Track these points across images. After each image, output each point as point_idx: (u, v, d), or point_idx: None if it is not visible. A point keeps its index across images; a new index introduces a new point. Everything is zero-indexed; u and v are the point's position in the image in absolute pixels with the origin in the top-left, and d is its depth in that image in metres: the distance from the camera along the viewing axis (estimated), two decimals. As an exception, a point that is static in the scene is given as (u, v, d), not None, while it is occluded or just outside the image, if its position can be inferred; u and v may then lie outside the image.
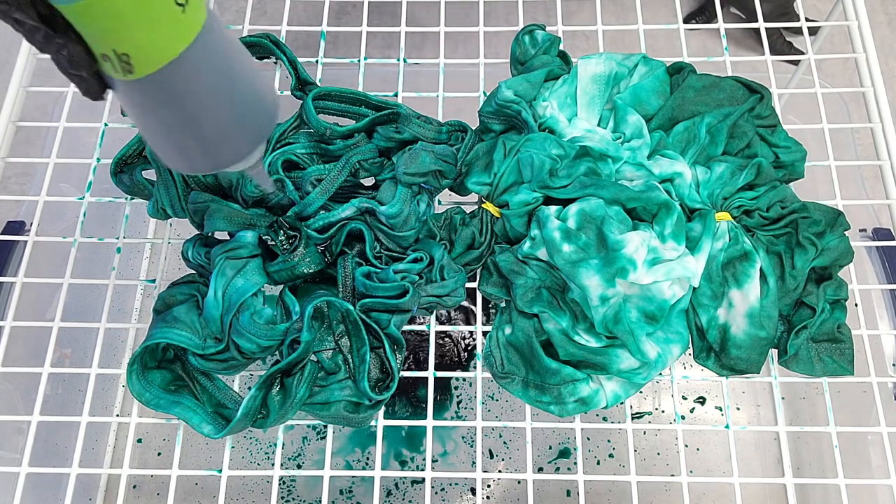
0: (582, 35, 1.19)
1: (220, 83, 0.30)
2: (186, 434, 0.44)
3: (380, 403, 0.43)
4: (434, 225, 0.47)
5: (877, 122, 0.53)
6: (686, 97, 0.50)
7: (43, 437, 0.66)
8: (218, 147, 0.32)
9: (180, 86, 0.28)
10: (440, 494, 0.80)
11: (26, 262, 0.50)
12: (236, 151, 0.32)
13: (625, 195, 0.45)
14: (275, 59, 0.54)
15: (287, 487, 0.80)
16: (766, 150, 0.49)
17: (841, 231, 0.48)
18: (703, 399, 0.85)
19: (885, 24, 1.25)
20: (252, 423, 0.42)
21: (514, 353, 0.45)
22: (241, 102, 0.31)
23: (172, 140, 0.31)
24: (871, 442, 0.66)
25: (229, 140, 0.32)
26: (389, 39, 1.17)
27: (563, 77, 0.51)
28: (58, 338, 0.48)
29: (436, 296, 0.45)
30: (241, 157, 0.33)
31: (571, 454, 0.82)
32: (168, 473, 0.44)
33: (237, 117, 0.31)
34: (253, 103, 0.32)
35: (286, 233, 0.45)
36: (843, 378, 0.45)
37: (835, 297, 0.46)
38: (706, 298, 0.45)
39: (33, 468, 0.45)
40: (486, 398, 0.84)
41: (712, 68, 0.53)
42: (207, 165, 0.33)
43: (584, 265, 0.43)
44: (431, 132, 0.49)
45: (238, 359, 0.42)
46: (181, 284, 0.45)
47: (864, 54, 0.56)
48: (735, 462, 0.44)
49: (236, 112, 0.31)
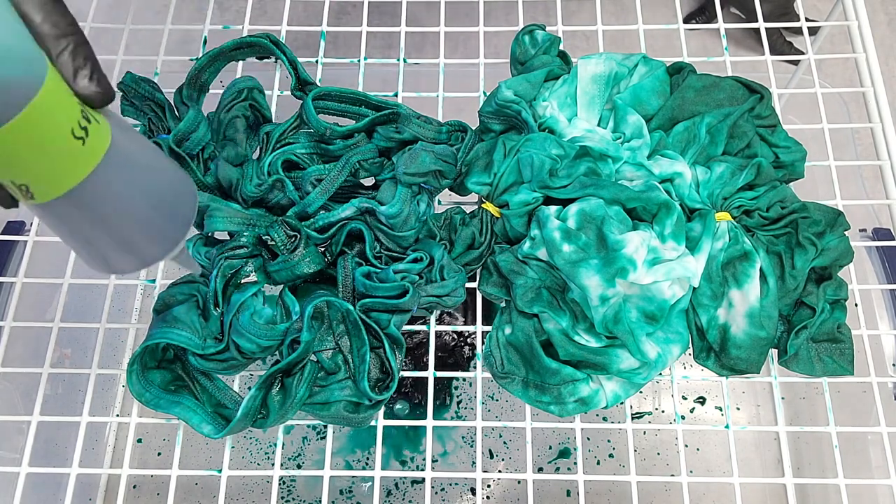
0: (582, 35, 1.19)
1: (132, 192, 0.30)
2: (186, 434, 0.44)
3: (380, 403, 0.43)
4: (434, 225, 0.47)
5: (877, 122, 0.53)
6: (686, 97, 0.50)
7: (43, 437, 0.66)
8: (139, 248, 0.31)
9: (88, 203, 0.28)
10: (440, 494, 0.80)
11: (26, 262, 0.50)
12: (160, 249, 0.32)
13: (625, 195, 0.45)
14: (275, 59, 0.54)
15: (287, 487, 0.80)
16: (766, 150, 0.49)
17: (841, 231, 0.48)
18: (703, 399, 0.85)
19: (885, 24, 1.25)
20: (252, 423, 0.42)
21: (514, 353, 0.45)
22: (155, 205, 0.31)
23: (90, 249, 0.31)
24: (871, 442, 0.66)
25: (150, 241, 0.32)
26: (389, 39, 1.17)
27: (563, 77, 0.51)
28: (58, 338, 0.48)
29: (436, 296, 0.45)
30: (166, 252, 0.32)
31: (571, 454, 0.82)
32: (168, 473, 0.44)
33: (154, 219, 0.31)
34: (169, 201, 0.32)
35: (286, 233, 0.45)
36: (843, 378, 0.45)
37: (835, 297, 0.46)
38: (706, 298, 0.45)
39: (33, 468, 0.45)
40: (486, 398, 0.84)
41: (712, 68, 0.53)
42: (131, 266, 0.32)
43: (584, 265, 0.43)
44: (431, 132, 0.49)
45: (238, 359, 0.42)
46: (181, 284, 0.45)
47: (864, 54, 0.56)
48: (735, 462, 0.44)
49: (152, 215, 0.31)
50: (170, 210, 0.32)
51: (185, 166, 0.46)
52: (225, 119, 0.49)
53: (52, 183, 0.27)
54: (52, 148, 0.26)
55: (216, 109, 0.49)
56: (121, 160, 0.29)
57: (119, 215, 0.29)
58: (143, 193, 0.30)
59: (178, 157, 0.46)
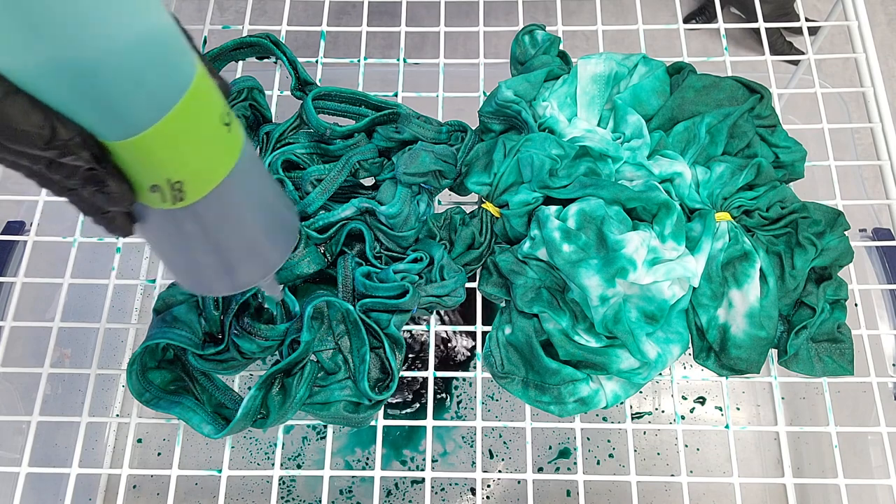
0: (582, 35, 1.19)
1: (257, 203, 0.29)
2: (186, 434, 0.44)
3: (380, 403, 0.43)
4: (434, 225, 0.47)
5: (877, 122, 0.53)
6: (686, 97, 0.50)
7: (43, 437, 0.66)
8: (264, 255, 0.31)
9: (222, 208, 0.28)
10: (440, 494, 0.80)
11: (26, 262, 0.50)
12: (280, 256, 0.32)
13: (625, 195, 0.45)
14: (275, 59, 0.54)
15: (287, 487, 0.80)
16: (766, 150, 0.49)
17: (841, 231, 0.48)
18: (703, 399, 0.85)
19: (885, 24, 1.25)
20: (252, 423, 0.42)
21: (514, 353, 0.45)
22: (272, 220, 0.31)
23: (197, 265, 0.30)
24: (871, 442, 0.66)
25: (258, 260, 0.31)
26: (389, 39, 1.17)
27: (562, 77, 0.51)
28: (58, 338, 0.48)
29: (436, 296, 0.45)
30: (268, 273, 0.32)
31: (571, 454, 0.82)
32: (168, 473, 0.44)
33: (269, 235, 0.31)
34: (282, 219, 0.31)
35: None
36: (843, 378, 0.45)
37: (835, 297, 0.46)
38: (706, 298, 0.45)
39: (33, 468, 0.45)
40: (486, 398, 0.84)
41: (712, 68, 0.53)
42: (256, 276, 0.31)
43: (584, 265, 0.43)
44: (431, 132, 0.49)
45: (238, 359, 0.42)
46: (181, 284, 0.45)
47: (864, 54, 0.56)
48: (735, 462, 0.44)
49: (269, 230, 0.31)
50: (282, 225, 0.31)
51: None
52: (225, 119, 0.49)
53: (205, 175, 0.26)
54: (207, 135, 0.25)
55: (216, 109, 0.49)
56: (252, 154, 0.28)
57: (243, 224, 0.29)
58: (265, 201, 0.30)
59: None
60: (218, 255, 0.30)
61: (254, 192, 0.29)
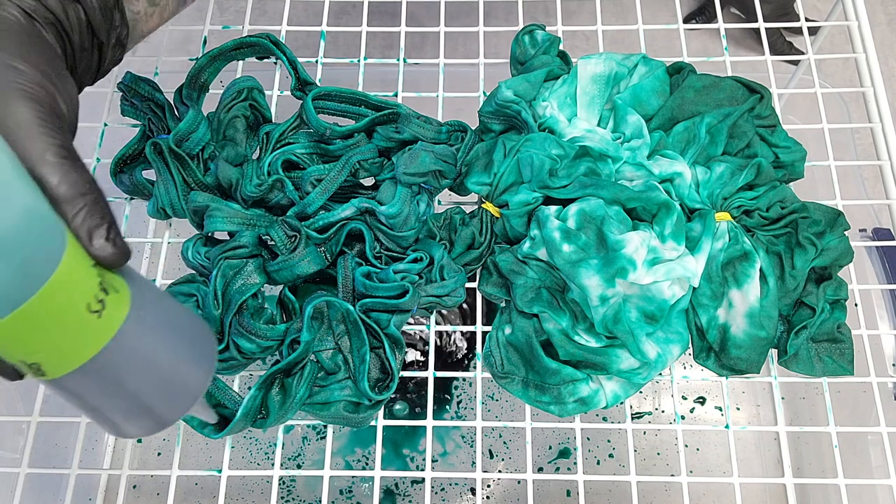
0: (582, 35, 1.19)
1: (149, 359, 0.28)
2: (186, 434, 0.44)
3: (380, 403, 0.43)
4: (434, 225, 0.47)
5: (877, 122, 0.53)
6: (686, 97, 0.50)
7: (43, 437, 0.66)
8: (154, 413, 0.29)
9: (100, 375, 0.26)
10: (440, 494, 0.80)
11: (26, 262, 0.50)
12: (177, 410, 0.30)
13: (625, 195, 0.45)
14: (275, 59, 0.54)
15: (287, 487, 0.80)
16: (766, 150, 0.49)
17: (841, 231, 0.48)
18: (703, 399, 0.85)
19: (885, 24, 1.25)
20: (252, 423, 0.42)
21: (514, 353, 0.45)
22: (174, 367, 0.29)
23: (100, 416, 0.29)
24: (871, 442, 0.66)
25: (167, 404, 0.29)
26: (389, 39, 1.17)
27: (562, 77, 0.51)
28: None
29: (436, 296, 0.45)
30: (183, 412, 0.30)
31: (571, 454, 0.82)
32: (168, 473, 0.44)
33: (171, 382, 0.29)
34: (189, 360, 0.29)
35: (286, 233, 0.45)
36: (843, 378, 0.45)
37: (835, 297, 0.46)
38: (706, 298, 0.45)
39: (33, 468, 0.45)
40: (486, 398, 0.84)
41: (712, 68, 0.53)
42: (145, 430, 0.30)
43: (584, 265, 0.43)
44: (431, 132, 0.49)
45: (238, 359, 0.42)
46: (181, 284, 0.45)
47: (864, 54, 0.56)
48: (735, 462, 0.44)
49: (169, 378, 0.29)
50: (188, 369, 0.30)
51: (185, 167, 0.46)
52: (225, 119, 0.49)
53: (63, 360, 0.25)
54: (66, 326, 0.24)
55: (216, 109, 0.49)
56: (138, 329, 0.27)
57: (135, 382, 0.27)
58: (161, 358, 0.28)
59: (178, 158, 0.46)
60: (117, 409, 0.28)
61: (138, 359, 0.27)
